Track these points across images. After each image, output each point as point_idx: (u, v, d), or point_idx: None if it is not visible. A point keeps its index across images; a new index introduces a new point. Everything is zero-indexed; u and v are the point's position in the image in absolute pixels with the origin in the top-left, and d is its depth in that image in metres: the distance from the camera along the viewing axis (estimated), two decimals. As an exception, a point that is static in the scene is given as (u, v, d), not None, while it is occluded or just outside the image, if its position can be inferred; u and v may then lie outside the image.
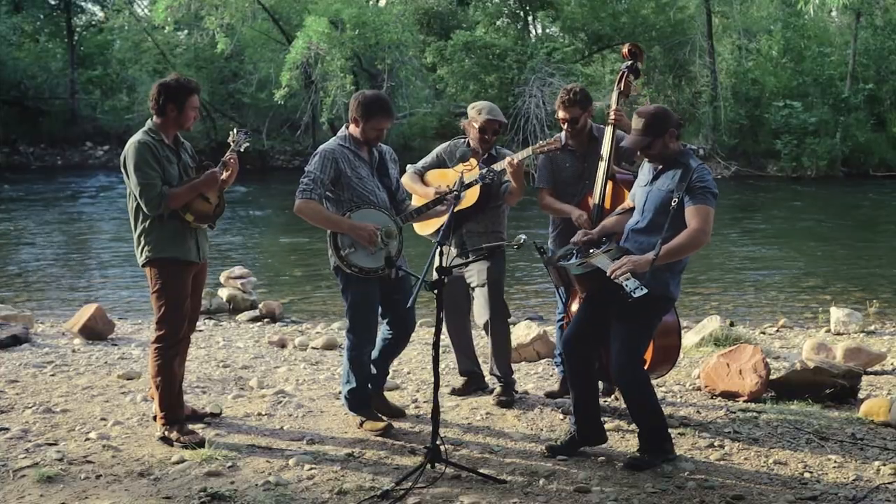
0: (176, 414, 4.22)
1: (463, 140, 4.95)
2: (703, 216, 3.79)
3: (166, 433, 4.17)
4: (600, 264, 3.88)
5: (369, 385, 4.48)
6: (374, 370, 4.51)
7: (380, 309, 4.43)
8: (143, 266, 4.21)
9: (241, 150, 4.30)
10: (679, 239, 3.77)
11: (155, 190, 4.03)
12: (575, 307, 4.59)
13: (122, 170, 4.15)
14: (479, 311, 4.83)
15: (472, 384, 5.08)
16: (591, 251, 4.05)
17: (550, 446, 4.14)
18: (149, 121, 4.22)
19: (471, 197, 4.65)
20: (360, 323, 4.35)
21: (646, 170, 4.12)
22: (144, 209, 4.06)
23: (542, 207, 4.89)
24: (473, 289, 4.84)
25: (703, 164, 3.95)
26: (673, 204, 3.80)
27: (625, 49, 4.81)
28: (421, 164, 5.01)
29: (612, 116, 4.61)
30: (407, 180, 4.88)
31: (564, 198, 4.80)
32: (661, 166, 3.98)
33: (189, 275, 4.22)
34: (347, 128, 4.41)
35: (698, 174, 3.84)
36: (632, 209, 4.15)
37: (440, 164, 4.93)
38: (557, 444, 4.15)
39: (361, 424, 4.40)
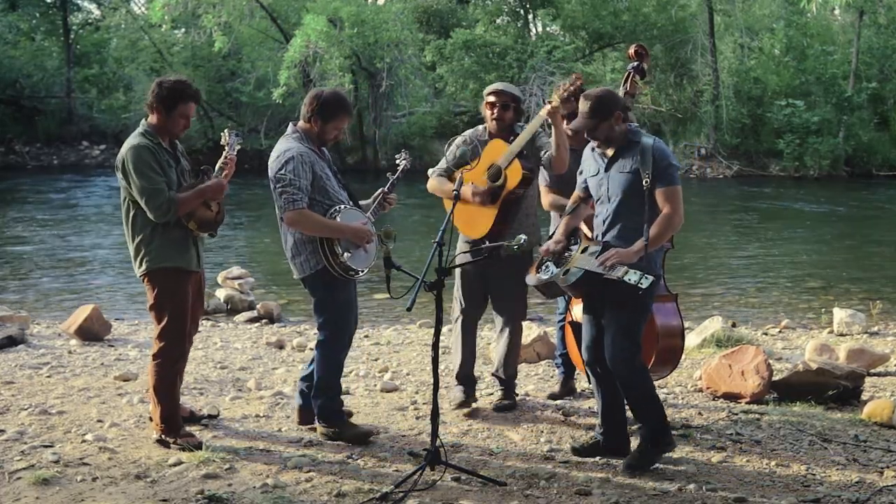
0: (175, 422, 4.14)
1: (483, 128, 4.71)
2: (673, 197, 3.86)
3: (164, 436, 4.12)
4: (585, 265, 3.84)
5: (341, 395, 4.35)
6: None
7: None
8: (143, 276, 4.04)
9: (235, 151, 4.16)
10: (657, 227, 3.84)
11: (162, 196, 3.87)
12: (577, 308, 4.55)
13: (120, 174, 3.98)
14: (502, 305, 4.68)
15: (472, 392, 4.81)
16: (566, 255, 4.00)
17: (573, 447, 4.16)
18: (143, 121, 4.08)
19: (513, 177, 4.45)
20: (343, 326, 4.23)
21: (589, 158, 4.09)
22: (152, 216, 3.90)
23: (546, 207, 4.82)
24: (495, 281, 4.64)
25: (657, 138, 3.99)
26: (645, 185, 3.83)
27: (631, 50, 4.80)
28: (443, 165, 4.69)
29: None
30: (435, 184, 4.65)
31: (565, 195, 4.73)
32: (613, 151, 3.97)
33: (189, 284, 4.10)
34: (297, 126, 4.21)
35: (659, 152, 3.88)
36: (579, 203, 4.15)
37: (463, 158, 4.52)
38: (580, 447, 4.15)
39: (338, 434, 4.23)
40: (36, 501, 3.52)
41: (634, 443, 4.13)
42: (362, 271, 4.18)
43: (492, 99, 4.60)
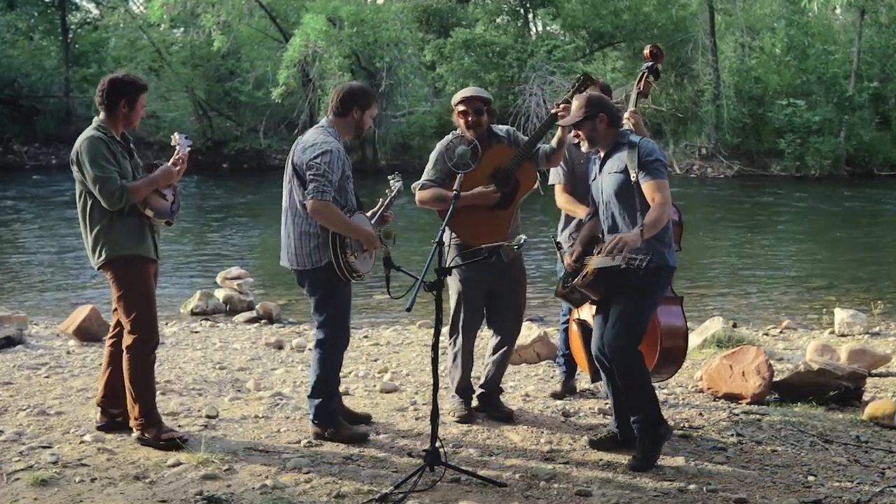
0: (154, 416, 4.14)
1: (459, 133, 4.58)
2: (661, 189, 3.96)
3: (145, 434, 4.10)
4: (600, 265, 3.92)
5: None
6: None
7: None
8: (103, 266, 4.06)
9: (187, 150, 4.25)
10: (651, 214, 3.91)
11: (115, 183, 3.93)
12: (582, 313, 4.54)
13: (75, 167, 4.03)
14: (503, 320, 4.64)
15: (470, 402, 4.71)
16: (584, 261, 4.11)
17: (591, 440, 4.23)
18: (95, 118, 4.13)
19: (529, 179, 4.50)
20: (344, 325, 4.25)
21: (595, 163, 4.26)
22: (105, 204, 3.95)
23: (560, 205, 4.81)
24: (497, 294, 4.59)
25: (645, 138, 4.15)
26: (634, 179, 3.96)
27: (646, 50, 4.84)
28: (431, 176, 4.52)
29: (626, 117, 4.54)
30: (428, 195, 4.49)
31: (578, 193, 4.72)
32: (604, 154, 4.11)
33: (151, 273, 4.14)
34: (331, 120, 4.18)
35: (645, 149, 4.00)
36: (596, 210, 4.22)
37: (447, 169, 4.47)
38: (598, 440, 4.21)
39: (332, 434, 4.22)
40: (34, 502, 3.50)
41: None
42: (362, 276, 4.21)
43: (462, 108, 4.48)
